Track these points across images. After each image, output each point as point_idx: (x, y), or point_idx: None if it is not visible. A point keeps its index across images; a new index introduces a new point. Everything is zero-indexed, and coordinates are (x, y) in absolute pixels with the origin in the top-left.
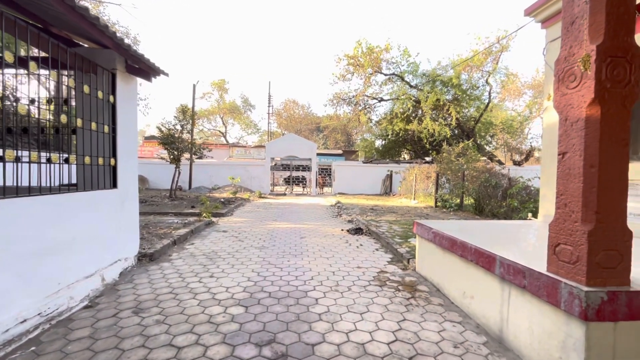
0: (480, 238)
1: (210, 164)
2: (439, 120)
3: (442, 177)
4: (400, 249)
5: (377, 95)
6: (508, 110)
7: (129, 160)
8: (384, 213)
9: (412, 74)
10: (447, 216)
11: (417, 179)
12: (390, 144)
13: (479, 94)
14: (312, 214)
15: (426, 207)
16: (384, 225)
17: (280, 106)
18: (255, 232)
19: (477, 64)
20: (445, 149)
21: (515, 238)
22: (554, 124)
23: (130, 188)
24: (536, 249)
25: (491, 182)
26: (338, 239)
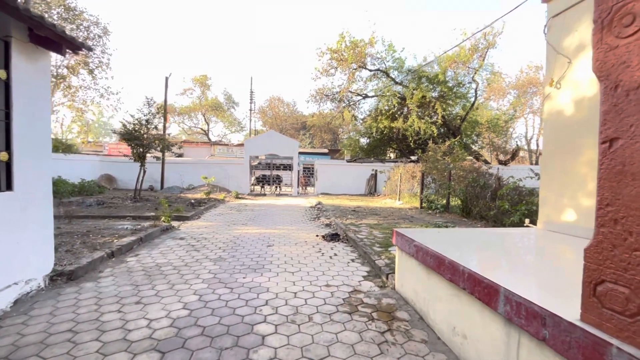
0: (473, 253)
1: (185, 162)
2: (425, 118)
3: (428, 177)
4: (378, 260)
5: (362, 92)
6: (493, 110)
7: (37, 156)
8: (365, 215)
9: (398, 70)
10: (432, 218)
11: (402, 178)
12: (375, 143)
13: (464, 92)
14: (289, 216)
15: (411, 209)
16: (364, 230)
17: (265, 104)
18: (217, 240)
19: (464, 60)
20: (431, 147)
21: (517, 253)
22: (556, 114)
23: (38, 191)
24: (552, 273)
25: (479, 182)
26: (310, 247)
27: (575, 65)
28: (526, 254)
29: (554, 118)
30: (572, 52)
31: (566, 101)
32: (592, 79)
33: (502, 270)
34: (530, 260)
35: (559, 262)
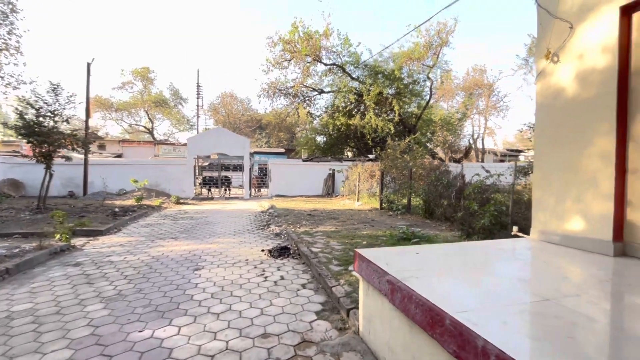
0: (483, 293)
1: (115, 163)
2: (382, 116)
3: (387, 176)
4: (336, 287)
5: (317, 87)
6: (445, 110)
7: None
8: (322, 220)
9: (354, 66)
10: (395, 221)
11: (360, 178)
12: (332, 141)
13: (420, 89)
14: (234, 224)
15: (371, 210)
16: (320, 240)
17: (217, 100)
18: (127, 264)
19: (418, 57)
20: (389, 145)
21: (522, 283)
22: (554, 95)
23: None
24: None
25: (442, 180)
26: (252, 268)
27: (580, 31)
28: (535, 283)
29: (551, 100)
30: (575, 15)
31: (567, 77)
32: (604, 45)
33: (512, 311)
34: (544, 295)
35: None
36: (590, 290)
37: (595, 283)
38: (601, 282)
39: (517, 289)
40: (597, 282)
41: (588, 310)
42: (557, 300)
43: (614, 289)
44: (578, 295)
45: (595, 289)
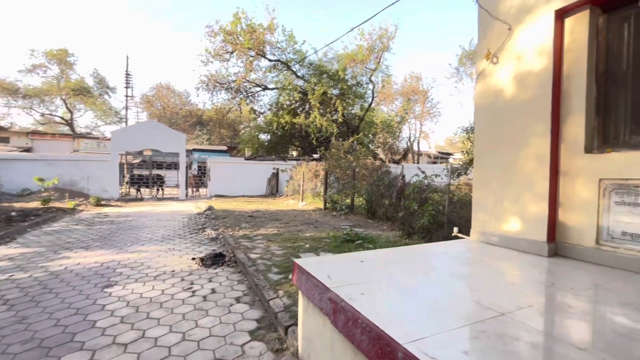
0: (417, 304)
1: (18, 158)
2: (326, 116)
3: (331, 176)
4: (275, 300)
5: (261, 83)
6: (385, 113)
7: None
8: (264, 222)
9: (299, 64)
10: (338, 222)
11: (304, 178)
12: (276, 139)
13: (363, 92)
14: (163, 228)
15: (315, 210)
16: (260, 244)
17: (151, 92)
18: (14, 284)
19: (361, 59)
20: (334, 144)
21: (473, 294)
22: (493, 95)
23: None
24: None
25: (384, 180)
26: (178, 280)
27: (518, 33)
28: (486, 289)
29: (490, 101)
30: (513, 17)
31: (506, 79)
32: (541, 48)
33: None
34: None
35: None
36: (539, 299)
37: (541, 289)
38: (547, 287)
39: (469, 302)
40: (543, 287)
41: (542, 325)
42: (512, 314)
43: (561, 296)
44: (530, 306)
45: (543, 296)
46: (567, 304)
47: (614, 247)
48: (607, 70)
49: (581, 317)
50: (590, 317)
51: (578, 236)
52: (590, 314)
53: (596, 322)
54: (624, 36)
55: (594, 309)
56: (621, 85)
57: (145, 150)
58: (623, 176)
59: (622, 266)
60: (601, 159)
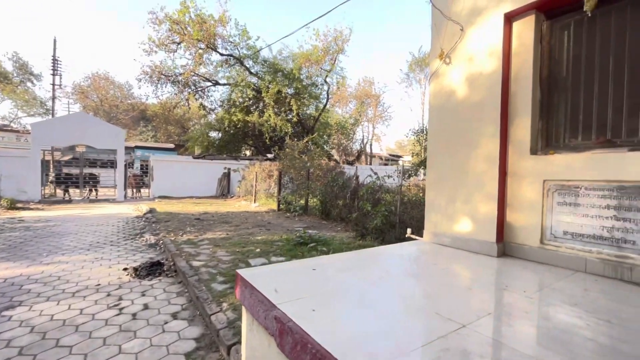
0: (375, 319)
1: None
2: (281, 115)
3: (286, 176)
4: (217, 315)
5: (212, 78)
6: (339, 115)
7: None
8: (212, 225)
9: (253, 60)
10: (292, 223)
11: (258, 178)
12: (228, 137)
13: (318, 92)
14: (93, 235)
15: (268, 212)
16: (205, 250)
17: (86, 82)
18: None
19: (317, 59)
20: (288, 144)
21: (431, 303)
22: (446, 96)
23: None
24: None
25: (338, 181)
26: (104, 296)
27: (469, 34)
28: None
29: (443, 102)
30: (465, 18)
31: (458, 80)
32: (491, 50)
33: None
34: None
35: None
36: (496, 305)
37: (496, 294)
38: (501, 292)
39: (429, 314)
40: (498, 291)
41: (505, 337)
42: (473, 326)
43: (515, 301)
44: (489, 314)
45: (499, 301)
46: (523, 309)
47: (557, 247)
48: (550, 75)
49: (539, 323)
50: (547, 322)
51: (524, 236)
52: (546, 319)
53: (553, 329)
54: (564, 43)
55: (548, 313)
56: (562, 90)
57: (79, 146)
58: (564, 177)
59: (564, 265)
60: (545, 160)
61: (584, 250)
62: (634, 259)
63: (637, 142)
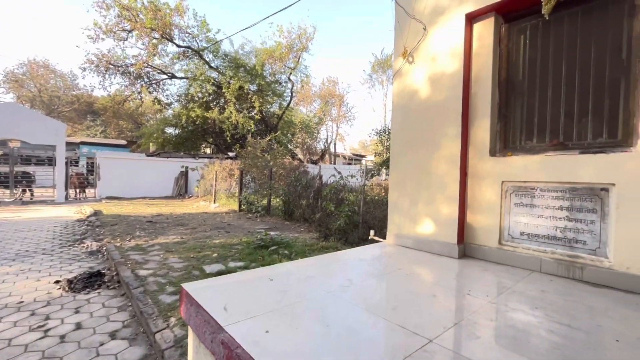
0: (339, 340)
1: None
2: (243, 112)
3: (248, 175)
4: (163, 332)
5: (168, 70)
6: (303, 114)
7: None
8: (166, 228)
9: (213, 54)
10: (253, 225)
11: (218, 177)
12: (186, 134)
13: (282, 90)
14: (20, 243)
15: (229, 212)
16: (156, 256)
17: (21, 70)
18: None
19: (280, 56)
20: (250, 142)
21: (396, 316)
22: (409, 95)
23: None
24: None
25: (301, 181)
26: (25, 316)
27: (432, 33)
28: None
29: (406, 101)
30: (428, 17)
31: (421, 79)
32: (453, 52)
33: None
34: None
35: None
36: (461, 313)
37: (460, 300)
38: (465, 297)
39: (395, 327)
40: (462, 297)
41: (472, 352)
42: (440, 340)
43: (480, 307)
44: (456, 324)
45: (464, 309)
46: (488, 316)
47: (514, 247)
48: (508, 77)
49: (504, 332)
50: (512, 331)
51: (484, 237)
52: (511, 326)
53: (518, 337)
54: (520, 47)
55: (512, 320)
56: (518, 93)
57: (11, 141)
58: (521, 179)
59: (521, 265)
60: (503, 162)
61: (539, 251)
62: (584, 258)
63: (587, 145)
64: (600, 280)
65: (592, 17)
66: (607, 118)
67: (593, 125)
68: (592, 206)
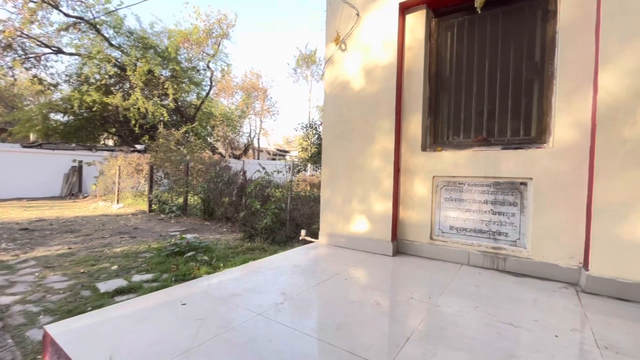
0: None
1: None
2: (153, 99)
3: (160, 171)
4: None
5: (52, 43)
6: (225, 106)
7: None
8: (48, 237)
9: (115, 30)
10: (166, 227)
11: (122, 173)
12: (80, 122)
13: (200, 79)
14: None
15: (136, 214)
16: (28, 274)
17: None
18: None
19: (198, 41)
20: (162, 134)
21: (339, 338)
22: (342, 86)
23: None
24: None
25: (223, 177)
26: None
27: (366, 21)
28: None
29: (339, 91)
30: (361, 3)
31: (355, 68)
32: (386, 42)
33: None
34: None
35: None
36: (408, 323)
37: (404, 308)
38: (409, 303)
39: (343, 355)
40: (405, 303)
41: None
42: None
43: (426, 313)
44: (408, 339)
45: (410, 318)
46: (438, 323)
47: (444, 242)
48: (437, 72)
49: (456, 341)
50: (468, 340)
51: (416, 232)
52: (463, 335)
53: (475, 346)
54: (448, 43)
55: (458, 324)
56: (446, 89)
57: None
58: (450, 174)
59: (451, 259)
60: (434, 157)
61: (467, 244)
62: (506, 249)
63: (507, 141)
64: (520, 269)
65: (511, 20)
66: (524, 116)
67: (512, 122)
68: (513, 199)
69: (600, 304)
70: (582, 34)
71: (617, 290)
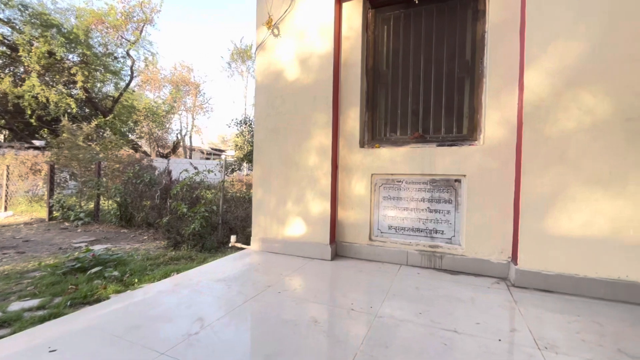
0: None
1: None
2: (57, 87)
3: (64, 171)
4: None
5: None
6: (151, 100)
7: None
8: None
9: (3, 1)
10: (70, 238)
11: (11, 174)
12: None
13: (119, 67)
14: None
15: (31, 223)
16: None
17: None
18: None
19: (114, 24)
20: (66, 127)
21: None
22: (274, 76)
23: None
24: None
25: (144, 177)
26: None
27: (300, 5)
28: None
29: (272, 81)
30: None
31: (288, 56)
32: (322, 29)
33: None
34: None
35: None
36: (354, 341)
37: (346, 318)
38: (353, 316)
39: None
40: (347, 316)
41: None
42: None
43: (373, 328)
44: (355, 356)
45: (355, 334)
46: (381, 339)
47: (383, 242)
48: (374, 66)
49: (405, 355)
50: (412, 355)
51: (355, 234)
52: (408, 349)
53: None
54: (384, 36)
55: (405, 338)
56: (383, 83)
57: None
58: (389, 171)
59: (390, 259)
60: (372, 154)
61: (405, 244)
62: (442, 247)
63: (442, 138)
64: (456, 267)
65: (444, 17)
66: (457, 113)
67: (446, 119)
68: (449, 197)
69: (529, 297)
70: (510, 34)
71: (542, 282)
